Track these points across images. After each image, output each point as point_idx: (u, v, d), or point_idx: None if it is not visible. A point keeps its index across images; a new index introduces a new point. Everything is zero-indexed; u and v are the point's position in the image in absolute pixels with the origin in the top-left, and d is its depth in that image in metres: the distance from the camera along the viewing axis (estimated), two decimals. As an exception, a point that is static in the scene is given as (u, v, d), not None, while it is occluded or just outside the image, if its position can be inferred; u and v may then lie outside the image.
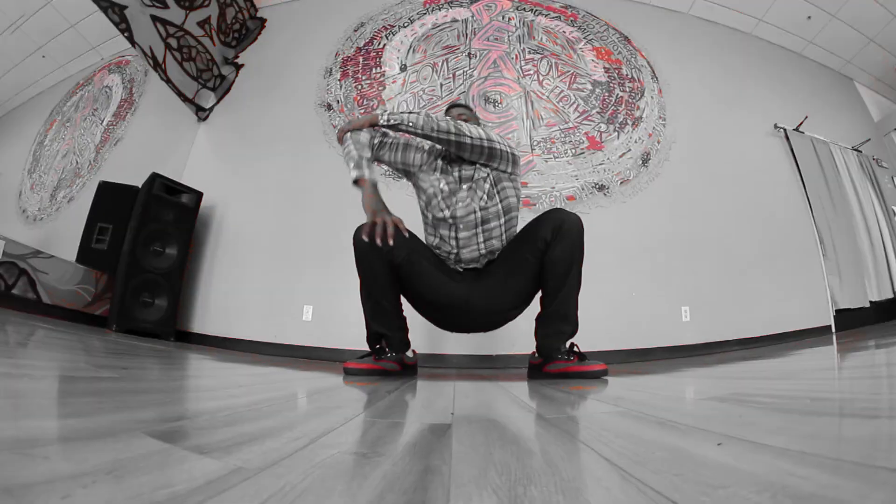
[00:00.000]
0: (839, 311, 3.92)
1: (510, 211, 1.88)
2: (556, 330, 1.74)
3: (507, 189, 1.87)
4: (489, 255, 1.87)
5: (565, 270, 1.70)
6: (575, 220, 1.71)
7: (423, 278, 1.82)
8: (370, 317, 1.84)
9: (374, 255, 1.73)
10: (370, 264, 1.76)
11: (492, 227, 1.85)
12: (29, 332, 2.05)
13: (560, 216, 1.72)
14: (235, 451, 0.45)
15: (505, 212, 1.86)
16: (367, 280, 1.79)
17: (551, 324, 1.76)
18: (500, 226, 1.86)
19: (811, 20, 4.89)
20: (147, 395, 0.87)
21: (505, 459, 0.46)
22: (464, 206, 1.85)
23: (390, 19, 4.52)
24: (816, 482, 0.35)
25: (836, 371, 1.54)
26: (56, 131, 5.86)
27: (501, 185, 1.87)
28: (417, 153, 1.96)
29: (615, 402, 1.00)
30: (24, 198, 5.60)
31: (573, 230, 1.69)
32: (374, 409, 0.89)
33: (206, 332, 3.65)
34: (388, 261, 1.75)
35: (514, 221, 1.91)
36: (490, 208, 1.84)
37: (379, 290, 1.80)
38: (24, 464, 0.35)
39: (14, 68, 5.90)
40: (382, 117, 1.84)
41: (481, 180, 1.85)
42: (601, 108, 4.09)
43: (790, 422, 0.63)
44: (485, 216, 1.84)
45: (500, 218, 1.86)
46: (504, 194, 1.86)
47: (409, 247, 1.77)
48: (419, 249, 1.84)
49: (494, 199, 1.85)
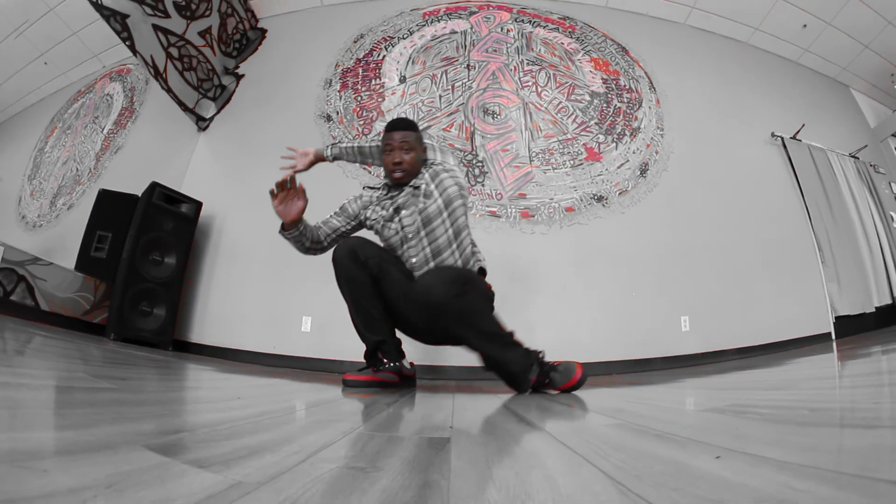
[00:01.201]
0: (839, 318, 3.92)
1: (451, 202, 1.83)
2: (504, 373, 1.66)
3: (445, 181, 1.84)
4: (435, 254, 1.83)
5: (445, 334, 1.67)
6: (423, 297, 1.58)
7: (394, 286, 1.83)
8: (364, 328, 1.84)
9: (356, 268, 1.78)
10: (353, 277, 1.79)
11: (435, 227, 1.81)
12: (27, 339, 2.05)
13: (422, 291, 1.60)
14: (235, 465, 0.45)
15: (446, 204, 1.82)
16: (353, 293, 1.81)
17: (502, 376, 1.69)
18: (444, 220, 1.82)
19: (807, 28, 4.92)
20: (145, 406, 0.87)
21: (503, 474, 0.46)
22: (408, 214, 1.85)
23: (390, 31, 4.55)
24: (816, 495, 0.35)
25: (836, 380, 1.53)
26: (57, 138, 5.87)
27: (438, 178, 1.84)
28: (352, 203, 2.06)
29: (614, 414, 1.00)
30: (24, 204, 5.60)
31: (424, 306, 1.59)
32: (372, 423, 0.89)
33: (204, 342, 3.63)
34: (367, 270, 1.78)
35: (459, 211, 1.85)
36: (430, 207, 1.81)
37: (366, 300, 1.81)
38: (24, 477, 0.35)
39: (16, 74, 5.91)
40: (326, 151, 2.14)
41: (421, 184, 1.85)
42: (599, 118, 4.10)
43: (789, 433, 0.63)
44: (426, 218, 1.81)
45: (442, 213, 1.81)
46: (442, 186, 1.83)
47: (379, 255, 1.83)
48: (388, 258, 1.87)
49: (432, 195, 1.82)
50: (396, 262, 1.89)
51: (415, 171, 1.87)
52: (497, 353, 1.61)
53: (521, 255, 3.50)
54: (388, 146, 1.87)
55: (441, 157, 1.91)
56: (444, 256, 1.83)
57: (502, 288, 3.25)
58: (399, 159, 1.83)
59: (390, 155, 1.86)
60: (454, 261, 1.84)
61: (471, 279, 1.70)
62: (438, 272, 1.65)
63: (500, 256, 3.46)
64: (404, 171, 1.84)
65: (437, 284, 1.56)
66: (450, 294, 1.54)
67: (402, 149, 1.84)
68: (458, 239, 1.85)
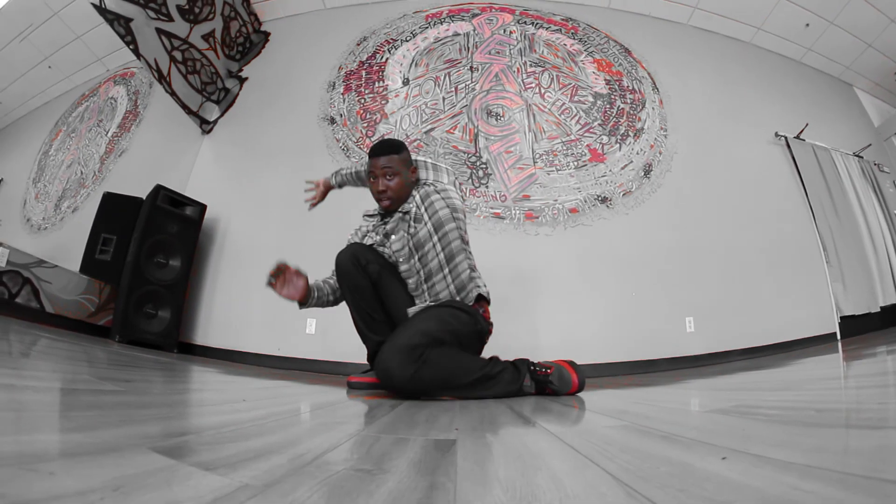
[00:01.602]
0: (844, 318, 3.90)
1: (442, 225, 1.74)
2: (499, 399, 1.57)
3: (436, 203, 1.75)
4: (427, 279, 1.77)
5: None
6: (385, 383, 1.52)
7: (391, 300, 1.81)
8: (366, 330, 1.83)
9: (357, 272, 1.76)
10: (354, 281, 1.78)
11: (426, 251, 1.74)
12: (32, 341, 2.05)
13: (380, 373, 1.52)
14: (241, 467, 0.45)
15: (436, 228, 1.74)
16: (355, 297, 1.80)
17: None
18: (434, 245, 1.74)
19: (809, 28, 4.90)
20: (151, 409, 0.87)
21: (510, 476, 0.46)
22: (397, 239, 1.79)
23: (393, 33, 4.55)
24: (822, 496, 0.35)
25: (842, 380, 1.53)
26: (61, 141, 5.89)
27: (429, 201, 1.76)
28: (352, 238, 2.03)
29: (620, 415, 1.00)
30: (29, 207, 5.62)
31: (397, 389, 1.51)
32: (378, 425, 0.89)
33: (208, 344, 3.64)
34: (368, 275, 1.77)
35: (452, 234, 1.75)
36: (420, 231, 1.74)
37: (367, 303, 1.80)
38: (31, 479, 0.35)
39: (20, 78, 5.94)
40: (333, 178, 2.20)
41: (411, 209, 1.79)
42: (603, 120, 4.10)
43: (795, 434, 0.63)
44: (416, 243, 1.75)
45: (432, 238, 1.74)
46: (433, 210, 1.74)
47: (379, 262, 1.80)
48: (388, 266, 1.84)
49: (422, 219, 1.74)
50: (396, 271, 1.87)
51: (403, 195, 1.81)
52: (484, 393, 1.54)
53: (525, 256, 3.50)
54: (372, 174, 1.81)
55: (434, 176, 1.85)
56: (434, 281, 1.76)
57: (506, 290, 3.27)
58: (383, 187, 1.78)
59: (374, 183, 1.80)
60: (445, 286, 1.76)
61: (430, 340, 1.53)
62: (391, 349, 1.50)
63: (504, 258, 3.46)
64: (390, 199, 1.79)
65: (392, 367, 1.46)
66: (406, 374, 1.44)
67: (385, 175, 1.78)
68: (450, 264, 1.76)
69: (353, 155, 3.92)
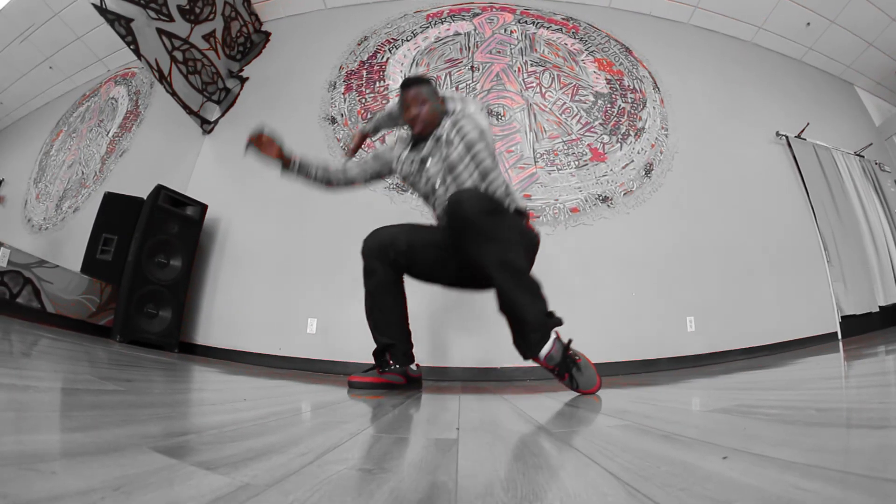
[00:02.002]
0: (845, 318, 3.90)
1: (473, 145, 1.81)
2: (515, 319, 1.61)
3: (465, 127, 1.83)
4: None
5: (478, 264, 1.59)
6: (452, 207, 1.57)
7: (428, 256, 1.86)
8: (375, 327, 1.85)
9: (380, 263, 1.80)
10: (375, 273, 1.81)
11: (459, 172, 1.81)
12: (33, 341, 2.05)
13: (451, 203, 1.59)
14: (242, 466, 0.45)
15: (468, 148, 1.81)
16: (371, 287, 1.83)
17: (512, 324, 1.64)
18: (468, 165, 1.81)
19: (810, 27, 4.90)
20: (152, 408, 0.87)
21: (511, 475, 0.46)
22: (433, 163, 1.90)
23: (393, 33, 4.55)
24: (823, 496, 0.35)
25: (843, 380, 1.52)
26: (62, 142, 5.90)
27: (458, 125, 1.84)
28: (388, 152, 2.14)
29: (621, 415, 1.00)
30: (30, 207, 5.63)
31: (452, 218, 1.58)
32: (379, 424, 0.89)
33: (209, 343, 3.64)
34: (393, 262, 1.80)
35: (482, 154, 1.81)
36: (452, 154, 1.83)
37: (381, 298, 1.83)
38: (32, 479, 0.35)
39: (22, 78, 5.95)
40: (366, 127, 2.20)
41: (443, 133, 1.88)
42: (604, 119, 4.10)
43: (796, 434, 0.63)
44: (449, 165, 1.83)
45: (464, 159, 1.81)
46: (462, 133, 1.82)
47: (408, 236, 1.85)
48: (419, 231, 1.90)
49: (453, 143, 1.83)
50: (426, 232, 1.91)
51: (434, 121, 1.93)
52: (514, 292, 1.55)
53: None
54: (404, 103, 1.96)
55: (461, 106, 1.92)
56: None
57: (507, 289, 3.26)
58: (415, 113, 1.91)
59: (407, 110, 1.94)
60: None
61: (503, 209, 1.64)
62: (470, 189, 1.62)
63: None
64: (422, 123, 1.91)
65: (467, 198, 1.54)
66: (477, 209, 1.52)
67: (416, 103, 1.92)
68: (485, 181, 1.80)
69: (353, 155, 3.91)
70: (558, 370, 1.57)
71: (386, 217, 2.17)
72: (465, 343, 3.21)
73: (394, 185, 3.70)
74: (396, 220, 1.89)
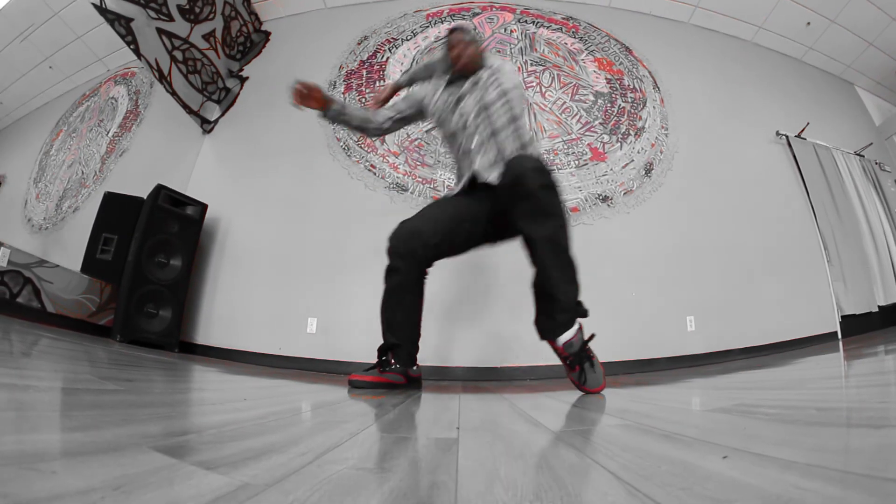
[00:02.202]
0: (845, 317, 3.90)
1: (508, 92, 1.92)
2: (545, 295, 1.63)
3: (503, 76, 1.95)
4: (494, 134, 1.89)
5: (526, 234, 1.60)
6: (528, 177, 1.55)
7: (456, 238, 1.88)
8: (387, 326, 1.83)
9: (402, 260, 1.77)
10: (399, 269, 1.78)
11: (493, 111, 1.89)
12: (33, 341, 2.05)
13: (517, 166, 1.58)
14: (242, 466, 0.45)
15: (504, 93, 1.91)
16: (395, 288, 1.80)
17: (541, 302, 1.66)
18: (502, 105, 1.89)
19: (810, 26, 4.90)
20: (152, 408, 0.87)
21: (511, 475, 0.46)
22: (469, 102, 1.97)
23: (393, 32, 4.55)
24: (823, 495, 0.35)
25: (843, 379, 1.52)
26: (62, 141, 5.90)
27: (497, 73, 1.96)
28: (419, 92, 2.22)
29: (621, 414, 1.00)
30: (30, 207, 5.62)
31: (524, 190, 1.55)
32: (379, 424, 0.89)
33: (210, 343, 3.64)
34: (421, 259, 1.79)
35: (515, 101, 1.92)
36: (489, 94, 1.92)
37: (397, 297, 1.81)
38: (33, 479, 0.35)
39: (21, 78, 5.94)
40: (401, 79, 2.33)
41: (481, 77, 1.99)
42: (604, 118, 4.10)
43: (796, 433, 0.62)
44: (485, 104, 1.91)
45: (500, 99, 1.90)
46: (500, 80, 1.94)
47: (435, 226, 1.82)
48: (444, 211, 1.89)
49: (491, 86, 1.93)
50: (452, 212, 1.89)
51: (476, 63, 2.04)
52: (555, 269, 1.58)
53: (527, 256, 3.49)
54: (449, 45, 2.07)
55: (499, 63, 2.03)
56: (501, 136, 1.88)
57: (508, 289, 3.27)
58: (460, 51, 2.03)
59: (452, 50, 2.05)
60: (513, 140, 1.89)
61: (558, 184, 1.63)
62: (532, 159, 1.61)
63: (505, 257, 3.45)
64: (467, 60, 2.02)
65: (531, 169, 1.55)
66: (539, 182, 1.53)
67: (461, 45, 2.04)
68: (516, 122, 1.90)
69: (353, 154, 3.92)
70: (572, 360, 1.59)
71: (386, 217, 2.17)
72: (466, 343, 3.21)
73: (394, 185, 3.69)
74: (397, 220, 1.86)
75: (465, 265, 3.35)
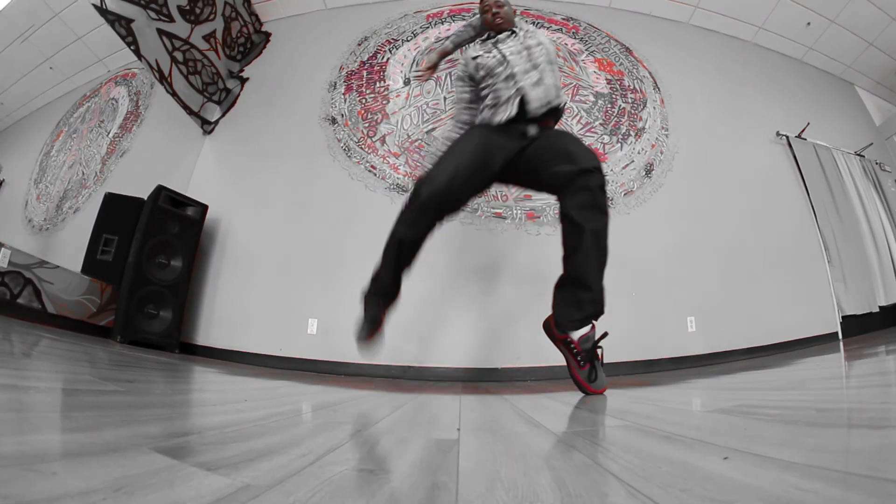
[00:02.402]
0: (845, 318, 3.89)
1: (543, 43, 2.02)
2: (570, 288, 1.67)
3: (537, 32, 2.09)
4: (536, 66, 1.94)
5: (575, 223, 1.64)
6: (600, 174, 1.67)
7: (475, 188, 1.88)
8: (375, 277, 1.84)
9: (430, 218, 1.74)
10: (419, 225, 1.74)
11: (534, 51, 1.98)
12: (34, 341, 2.05)
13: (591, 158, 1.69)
14: (243, 467, 0.45)
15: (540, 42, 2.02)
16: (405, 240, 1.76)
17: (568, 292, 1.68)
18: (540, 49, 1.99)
19: (810, 26, 4.90)
20: (153, 409, 0.87)
21: (512, 476, 0.46)
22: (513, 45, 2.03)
23: (393, 33, 4.55)
24: (824, 496, 0.34)
25: (844, 380, 1.52)
26: (63, 142, 5.90)
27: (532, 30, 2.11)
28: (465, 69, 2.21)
29: (621, 415, 1.00)
30: (31, 207, 5.62)
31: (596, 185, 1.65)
32: (380, 425, 0.89)
33: (210, 344, 3.64)
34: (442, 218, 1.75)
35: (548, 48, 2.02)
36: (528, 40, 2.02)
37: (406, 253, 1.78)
38: (33, 480, 0.35)
39: (22, 79, 5.95)
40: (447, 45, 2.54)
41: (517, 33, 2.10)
42: (604, 119, 4.10)
43: (796, 434, 0.62)
44: (527, 45, 2.00)
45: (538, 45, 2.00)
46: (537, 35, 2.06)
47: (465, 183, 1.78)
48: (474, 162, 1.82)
49: (531, 36, 2.04)
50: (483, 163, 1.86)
51: (511, 21, 2.16)
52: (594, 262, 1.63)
53: (527, 256, 3.49)
54: (483, 9, 2.21)
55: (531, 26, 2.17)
56: (544, 72, 1.94)
57: (508, 290, 3.27)
58: (497, 9, 2.14)
59: (489, 11, 2.17)
60: (552, 76, 1.98)
61: None
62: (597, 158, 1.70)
63: (506, 258, 3.46)
64: (504, 17, 2.14)
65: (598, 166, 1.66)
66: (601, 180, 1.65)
67: (497, 5, 2.15)
68: (553, 64, 2.01)
69: (354, 155, 3.92)
70: (583, 356, 1.60)
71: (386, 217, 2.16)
72: (467, 343, 3.21)
73: (394, 186, 3.69)
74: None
75: (465, 265, 3.35)
